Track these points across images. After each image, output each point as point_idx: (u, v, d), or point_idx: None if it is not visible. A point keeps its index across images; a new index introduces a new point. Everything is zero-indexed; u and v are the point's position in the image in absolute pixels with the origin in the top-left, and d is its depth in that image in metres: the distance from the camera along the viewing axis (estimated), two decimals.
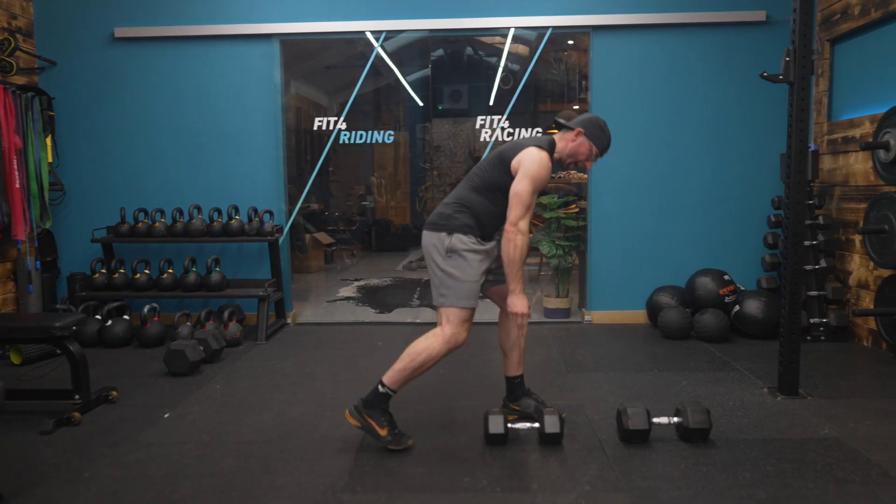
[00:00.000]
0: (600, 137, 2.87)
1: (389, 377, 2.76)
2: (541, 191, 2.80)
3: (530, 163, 2.70)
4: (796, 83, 3.20)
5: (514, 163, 2.74)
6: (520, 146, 2.77)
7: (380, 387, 2.76)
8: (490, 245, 2.85)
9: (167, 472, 2.63)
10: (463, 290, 2.73)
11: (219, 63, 5.07)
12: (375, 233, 10.03)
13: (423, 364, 2.72)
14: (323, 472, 2.61)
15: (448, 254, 2.74)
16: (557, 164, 2.91)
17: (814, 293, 4.48)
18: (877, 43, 4.29)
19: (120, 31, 5.01)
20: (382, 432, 2.75)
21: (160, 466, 2.68)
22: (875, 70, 4.32)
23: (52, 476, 2.60)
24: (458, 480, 2.53)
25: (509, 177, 2.75)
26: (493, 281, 2.97)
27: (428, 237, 2.81)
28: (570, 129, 2.86)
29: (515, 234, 2.68)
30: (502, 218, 2.83)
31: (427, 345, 2.73)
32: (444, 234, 2.76)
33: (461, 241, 2.74)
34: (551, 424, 2.78)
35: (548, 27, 4.96)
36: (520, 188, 2.69)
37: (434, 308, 2.87)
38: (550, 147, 2.82)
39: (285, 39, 5.08)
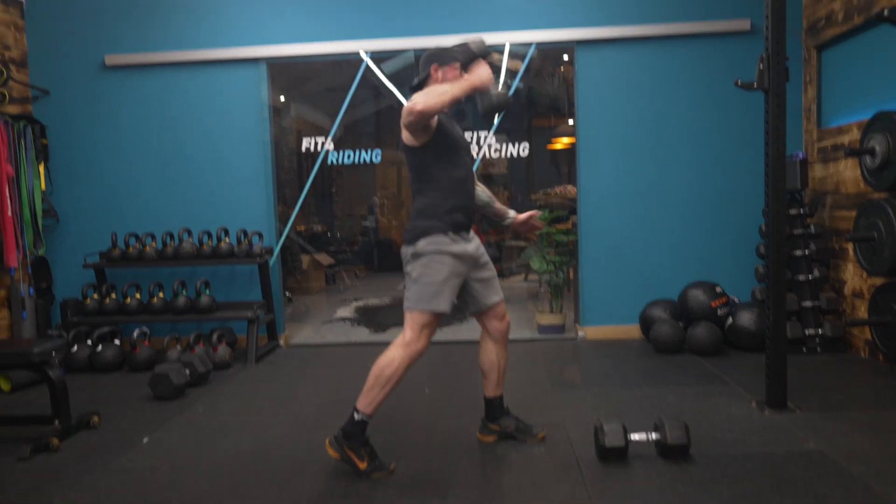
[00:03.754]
0: (452, 54, 2.75)
1: (362, 402, 2.72)
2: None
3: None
4: (771, 91, 3.16)
5: (402, 125, 2.65)
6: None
7: (355, 414, 2.71)
8: (468, 246, 2.78)
9: (136, 497, 2.61)
10: (425, 292, 2.68)
11: (207, 87, 5.12)
12: (378, 252, 10.03)
13: (391, 378, 2.68)
14: (292, 496, 2.58)
15: (413, 258, 2.73)
16: (460, 109, 2.84)
17: (808, 304, 4.40)
18: (861, 48, 4.24)
19: (110, 59, 5.08)
20: (362, 465, 2.69)
21: (130, 491, 2.67)
22: (861, 76, 4.26)
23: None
24: (427, 502, 2.48)
25: (417, 148, 2.69)
26: (482, 301, 2.90)
27: (402, 253, 2.81)
28: (426, 77, 2.79)
29: (420, 104, 2.48)
30: (462, 197, 2.77)
31: (390, 357, 2.69)
32: (408, 245, 2.75)
33: (427, 243, 2.70)
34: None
35: (531, 42, 4.96)
36: (403, 115, 2.58)
37: None
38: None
39: (272, 62, 5.13)
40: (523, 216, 3.12)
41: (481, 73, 2.64)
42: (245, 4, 5.08)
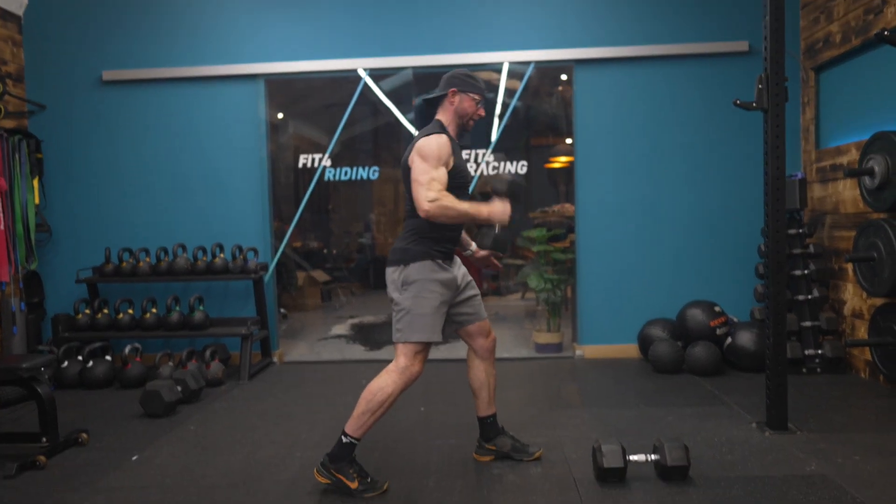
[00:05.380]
0: (473, 84, 2.78)
1: (351, 425, 2.67)
2: (443, 163, 2.63)
3: (419, 147, 2.62)
4: (770, 110, 3.16)
5: (409, 162, 2.65)
6: (411, 147, 2.69)
7: (343, 437, 2.68)
8: (453, 273, 2.77)
9: None
10: (417, 323, 2.65)
11: (204, 103, 5.10)
12: (374, 270, 9.98)
13: (382, 403, 2.64)
14: None
15: (403, 287, 2.68)
16: (462, 134, 2.83)
17: (808, 324, 4.37)
18: (859, 69, 4.25)
19: (108, 74, 5.07)
20: (353, 485, 2.65)
21: None
22: (859, 97, 4.27)
23: None
24: None
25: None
26: (466, 320, 2.89)
27: (387, 274, 2.75)
28: (442, 96, 2.78)
29: (434, 209, 2.53)
30: (453, 226, 2.75)
31: (382, 383, 2.65)
32: (399, 267, 2.70)
33: (417, 270, 2.67)
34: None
35: (530, 62, 4.97)
36: (414, 173, 2.60)
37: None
38: (441, 128, 2.74)
39: (270, 79, 5.12)
40: (484, 252, 3.04)
41: (499, 210, 2.65)
42: (243, 21, 5.08)
